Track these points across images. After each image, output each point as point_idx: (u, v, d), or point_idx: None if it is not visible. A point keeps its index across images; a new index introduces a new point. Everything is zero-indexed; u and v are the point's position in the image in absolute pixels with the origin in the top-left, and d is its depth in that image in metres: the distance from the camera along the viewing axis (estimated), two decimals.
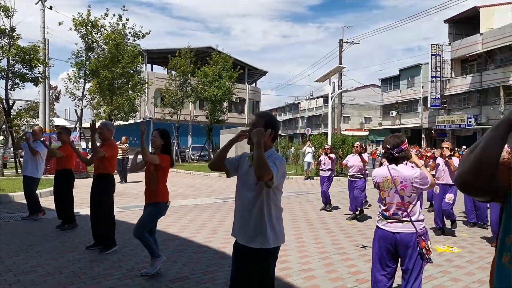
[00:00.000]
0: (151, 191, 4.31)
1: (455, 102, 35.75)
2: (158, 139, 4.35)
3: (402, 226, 3.15)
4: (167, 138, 4.43)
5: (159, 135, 4.37)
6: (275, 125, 2.66)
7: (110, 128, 5.41)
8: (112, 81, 17.49)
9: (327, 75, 17.48)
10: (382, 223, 3.26)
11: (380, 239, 3.26)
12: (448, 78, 36.11)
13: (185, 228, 6.77)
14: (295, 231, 6.79)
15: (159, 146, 4.36)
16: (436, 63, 35.54)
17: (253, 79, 46.69)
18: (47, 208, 8.10)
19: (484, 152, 1.28)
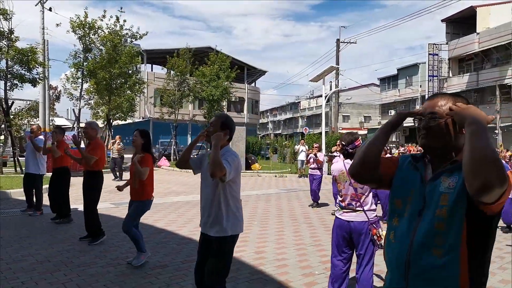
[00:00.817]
0: (135, 189, 4.60)
1: None
2: (139, 138, 4.64)
3: (356, 215, 3.46)
4: (147, 138, 4.72)
5: (139, 134, 4.66)
6: (230, 126, 3.00)
7: (94, 127, 5.73)
8: (109, 81, 17.81)
9: (321, 75, 17.76)
10: (339, 213, 3.58)
11: (337, 228, 3.57)
12: (445, 77, 36.33)
13: (172, 223, 7.09)
14: (278, 225, 7.09)
15: (139, 145, 4.63)
16: (433, 62, 35.77)
17: (252, 79, 46.99)
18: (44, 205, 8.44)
19: (367, 150, 1.59)
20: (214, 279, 2.88)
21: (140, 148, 4.64)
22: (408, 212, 1.50)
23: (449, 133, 1.49)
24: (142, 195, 4.60)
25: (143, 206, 4.64)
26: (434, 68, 35.78)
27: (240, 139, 18.23)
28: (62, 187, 6.83)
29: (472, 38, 32.53)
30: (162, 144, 28.39)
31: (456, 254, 1.37)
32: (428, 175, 1.53)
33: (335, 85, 31.79)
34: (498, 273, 4.63)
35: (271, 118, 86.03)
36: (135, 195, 4.62)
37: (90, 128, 5.63)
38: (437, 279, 1.39)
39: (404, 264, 1.46)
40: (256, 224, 7.16)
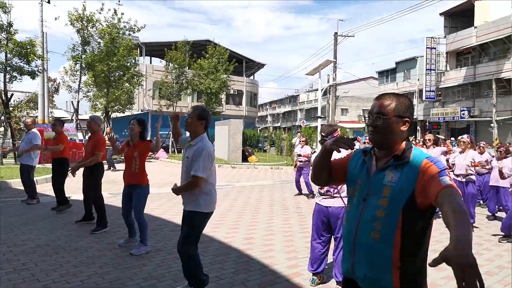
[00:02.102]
0: (134, 174, 4.82)
1: (450, 94, 36.15)
2: (136, 126, 4.89)
3: (333, 201, 3.72)
4: (144, 126, 4.98)
5: (137, 123, 4.91)
6: (205, 117, 3.53)
7: (97, 122, 5.98)
8: (107, 74, 17.99)
9: (317, 68, 17.95)
10: (318, 199, 3.84)
11: (316, 212, 3.84)
12: (443, 70, 36.46)
13: (167, 211, 7.35)
14: (268, 214, 7.36)
15: (137, 133, 4.90)
16: (431, 56, 35.86)
17: (251, 72, 47.06)
18: (42, 194, 8.71)
19: (314, 168, 2.00)
20: (185, 243, 3.38)
21: (138, 136, 4.89)
22: (356, 199, 1.76)
23: (392, 130, 1.71)
24: (143, 180, 4.86)
25: (145, 191, 4.89)
26: (431, 62, 35.88)
27: (237, 131, 18.48)
28: (58, 177, 7.10)
29: (470, 32, 32.61)
30: (161, 136, 28.57)
31: (391, 239, 1.60)
32: (373, 166, 1.76)
33: (332, 79, 31.99)
34: (497, 272, 4.49)
35: (270, 111, 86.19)
36: (136, 180, 4.82)
37: (93, 123, 5.87)
38: (374, 259, 1.64)
39: (352, 243, 1.72)
40: (248, 213, 7.43)
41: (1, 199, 8.10)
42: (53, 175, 7.22)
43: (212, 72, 25.00)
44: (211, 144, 3.52)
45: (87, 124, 5.97)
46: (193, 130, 3.48)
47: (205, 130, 3.54)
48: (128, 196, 4.91)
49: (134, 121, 4.93)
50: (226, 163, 17.90)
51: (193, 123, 3.45)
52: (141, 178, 4.84)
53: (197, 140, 3.44)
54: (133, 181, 4.84)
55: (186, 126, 3.49)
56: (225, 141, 19.24)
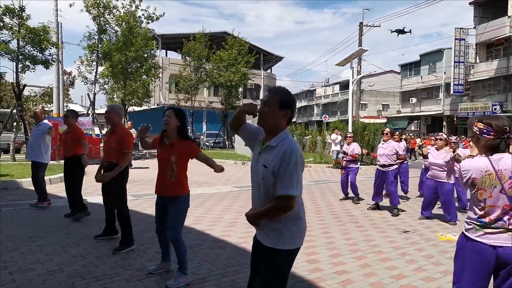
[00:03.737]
0: (170, 183, 3.63)
1: (479, 88, 34.31)
2: (174, 119, 3.65)
3: (507, 238, 2.35)
4: (183, 119, 3.74)
5: (174, 114, 3.67)
6: (291, 105, 2.28)
7: (117, 111, 4.81)
8: (125, 65, 16.97)
9: (348, 58, 16.63)
10: (477, 233, 2.42)
11: (473, 254, 2.41)
12: (472, 63, 34.60)
13: (200, 220, 6.23)
14: (321, 224, 6.18)
15: (174, 128, 3.64)
16: (460, 48, 34.05)
17: (268, 65, 45.80)
18: (55, 196, 7.69)
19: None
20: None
21: (175, 132, 3.68)
22: None
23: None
24: (181, 189, 3.68)
25: (184, 204, 3.71)
26: (460, 54, 34.06)
27: None
28: (74, 179, 6.01)
29: (503, 22, 30.73)
30: None
31: None
32: None
33: (357, 71, 30.57)
34: None
35: None
36: (171, 191, 3.65)
37: (113, 113, 4.72)
38: None
39: None
40: None
41: (9, 202, 7.09)
42: (67, 178, 6.10)
43: (232, 64, 23.83)
44: (298, 145, 2.28)
45: (105, 115, 4.77)
46: (272, 124, 2.21)
47: (287, 124, 2.29)
48: (163, 209, 3.77)
49: (171, 111, 3.68)
50: (250, 160, 16.74)
51: (272, 112, 2.19)
52: (179, 189, 3.67)
53: (280, 138, 2.19)
54: (168, 192, 3.67)
55: (259, 117, 2.21)
56: None
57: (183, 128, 3.71)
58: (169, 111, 3.71)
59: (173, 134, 3.68)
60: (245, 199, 8.25)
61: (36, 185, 6.71)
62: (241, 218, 6.37)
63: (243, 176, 12.29)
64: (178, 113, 3.71)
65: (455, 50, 34.06)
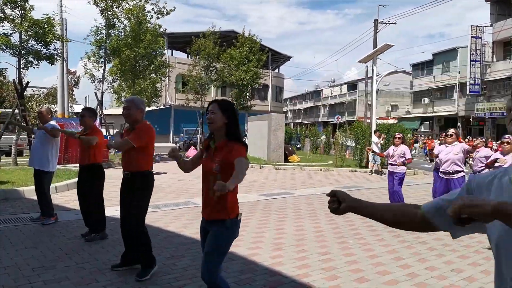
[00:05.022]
0: (211, 201, 2.62)
1: (497, 88, 33.16)
2: (219, 115, 2.63)
3: None
4: (233, 114, 2.69)
5: (219, 108, 2.65)
6: None
7: (139, 106, 3.77)
8: (134, 62, 15.98)
9: (372, 54, 15.62)
10: None
11: None
12: (488, 62, 33.46)
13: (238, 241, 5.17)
14: (381, 244, 5.11)
15: (221, 127, 2.63)
16: (476, 46, 32.92)
17: (276, 65, 44.76)
18: (62, 208, 6.67)
19: None
20: None
21: (223, 132, 2.65)
22: None
23: None
24: (225, 211, 2.61)
25: (230, 231, 2.64)
26: (476, 53, 32.93)
27: (278, 127, 16.29)
28: (94, 191, 4.96)
29: None
30: (187, 132, 26.58)
31: None
32: None
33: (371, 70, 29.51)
34: None
35: (291, 107, 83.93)
36: (214, 211, 2.62)
37: (134, 107, 3.68)
38: None
39: None
40: (352, 243, 5.21)
41: (9, 216, 6.06)
42: (85, 192, 5.00)
43: (244, 63, 22.80)
44: None
45: (124, 111, 3.70)
46: None
47: None
48: (206, 235, 2.74)
49: (214, 105, 2.67)
50: (267, 163, 15.70)
51: None
52: (223, 210, 2.61)
53: None
54: (210, 214, 2.65)
55: None
56: (263, 138, 17.06)
57: (232, 126, 2.66)
58: (212, 105, 2.68)
59: (220, 135, 2.67)
60: (278, 210, 7.21)
61: (41, 198, 5.69)
62: (287, 239, 5.32)
63: (265, 182, 11.26)
64: (225, 106, 2.68)
65: (471, 48, 32.95)
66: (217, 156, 2.62)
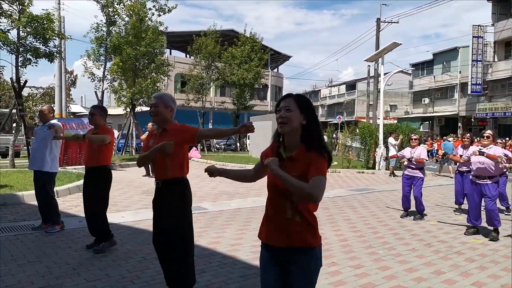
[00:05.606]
0: (290, 225, 2.04)
1: (498, 88, 32.95)
2: (296, 113, 2.01)
3: None
4: (313, 113, 2.07)
5: (296, 104, 2.03)
6: None
7: (168, 103, 3.27)
8: (134, 61, 15.52)
9: (379, 53, 15.26)
10: None
11: None
12: (490, 62, 33.24)
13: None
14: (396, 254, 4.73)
15: (297, 129, 2.02)
16: (478, 46, 32.67)
17: (275, 64, 44.38)
18: (65, 214, 6.23)
19: None
20: None
21: (298, 135, 2.03)
22: None
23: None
24: (311, 235, 2.06)
25: (318, 261, 2.10)
26: (478, 52, 32.69)
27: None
28: (100, 199, 4.54)
29: None
30: None
31: None
32: None
33: (374, 69, 29.29)
34: None
35: None
36: (296, 237, 2.04)
37: (163, 105, 3.23)
38: None
39: None
40: (382, 254, 4.81)
41: (9, 224, 5.62)
42: (91, 196, 4.57)
43: (245, 62, 22.40)
44: None
45: (151, 109, 3.21)
46: None
47: None
48: (280, 269, 2.11)
49: (290, 100, 2.04)
50: None
51: None
52: (306, 235, 2.04)
53: None
54: (289, 241, 2.04)
55: None
56: (267, 139, 16.60)
57: (312, 130, 2.04)
58: (287, 100, 2.05)
59: (293, 140, 2.05)
60: None
61: (43, 203, 5.26)
62: None
63: None
64: (304, 103, 2.06)
65: (472, 48, 32.70)
66: (291, 169, 1.99)
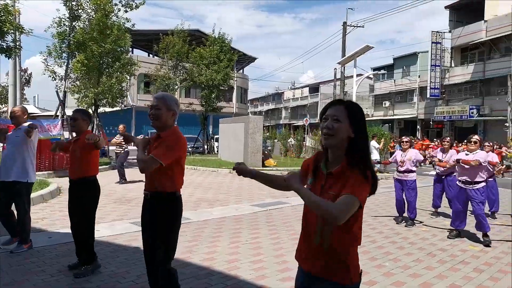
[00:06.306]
0: (319, 254, 1.78)
1: (455, 92, 34.50)
2: (345, 124, 1.75)
3: None
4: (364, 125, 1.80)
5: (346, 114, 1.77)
6: None
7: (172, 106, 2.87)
8: (99, 59, 14.61)
9: (352, 56, 15.33)
10: None
11: None
12: (447, 67, 34.75)
13: (260, 269, 4.37)
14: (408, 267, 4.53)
15: (344, 142, 1.77)
16: (436, 51, 34.05)
17: (241, 66, 44.09)
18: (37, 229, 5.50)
19: None
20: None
21: (343, 148, 1.77)
22: None
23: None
24: (350, 270, 1.77)
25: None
26: (436, 58, 34.08)
27: (256, 130, 15.58)
28: (84, 210, 3.96)
29: (479, 27, 30.99)
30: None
31: None
32: None
33: (340, 72, 29.71)
34: None
35: (252, 108, 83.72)
36: (331, 270, 1.76)
37: (165, 108, 2.78)
38: None
39: None
40: (389, 266, 4.57)
41: None
42: (76, 212, 3.96)
43: (214, 62, 21.91)
44: None
45: (152, 111, 2.78)
46: None
47: None
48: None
49: (340, 109, 1.78)
50: None
51: None
52: (338, 267, 1.75)
53: None
54: (325, 272, 1.77)
55: None
56: (238, 141, 16.28)
57: (360, 144, 1.77)
58: (335, 108, 1.77)
59: (338, 155, 1.77)
60: (285, 225, 6.46)
61: (17, 217, 4.60)
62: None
63: (252, 189, 10.44)
64: (355, 113, 1.78)
65: (431, 53, 34.03)
66: (329, 186, 1.77)
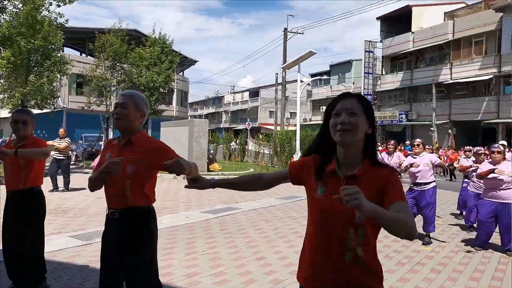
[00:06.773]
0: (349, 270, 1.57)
1: (386, 98, 36.72)
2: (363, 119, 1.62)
3: None
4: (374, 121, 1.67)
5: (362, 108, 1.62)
6: None
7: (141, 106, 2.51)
8: (28, 56, 13.34)
9: (296, 61, 15.60)
10: None
11: None
12: (379, 74, 36.92)
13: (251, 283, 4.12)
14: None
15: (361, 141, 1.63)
16: (369, 60, 36.02)
17: (181, 68, 43.17)
18: None
19: None
20: None
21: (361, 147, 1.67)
22: None
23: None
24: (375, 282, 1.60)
25: None
26: (369, 65, 36.06)
27: (202, 134, 15.19)
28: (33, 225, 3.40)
29: (407, 37, 33.33)
30: (87, 139, 23.59)
31: None
32: None
33: (281, 77, 30.19)
34: None
35: (192, 112, 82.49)
36: None
37: (133, 107, 2.40)
38: None
39: None
40: None
41: None
42: (19, 227, 3.38)
43: (155, 63, 21.15)
44: None
45: (117, 110, 2.41)
46: None
47: None
48: None
49: (354, 102, 1.64)
50: None
51: None
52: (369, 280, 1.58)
53: None
54: None
55: None
56: (182, 145, 15.75)
57: (374, 141, 1.67)
58: (350, 100, 1.61)
59: (353, 155, 1.62)
60: (240, 232, 6.25)
61: None
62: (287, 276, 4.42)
63: (200, 195, 10.07)
64: (370, 107, 1.65)
65: (365, 61, 35.93)
66: None
